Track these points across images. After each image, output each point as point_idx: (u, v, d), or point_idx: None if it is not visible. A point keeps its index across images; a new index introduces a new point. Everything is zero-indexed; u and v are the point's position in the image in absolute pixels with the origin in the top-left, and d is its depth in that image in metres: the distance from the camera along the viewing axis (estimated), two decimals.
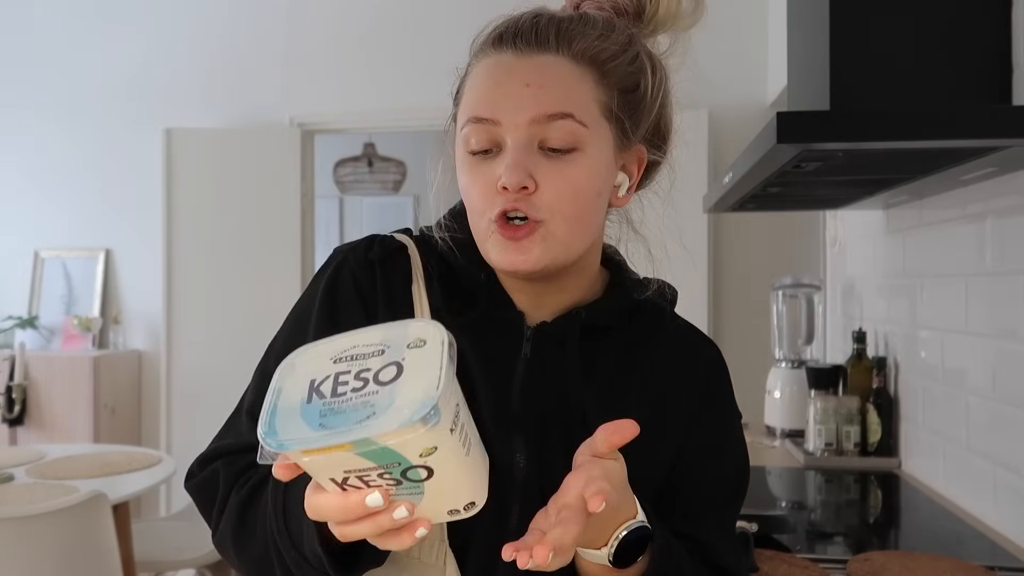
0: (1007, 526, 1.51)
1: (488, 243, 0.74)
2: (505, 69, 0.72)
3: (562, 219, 0.72)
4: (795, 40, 1.80)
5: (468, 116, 0.73)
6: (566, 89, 0.71)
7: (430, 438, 0.53)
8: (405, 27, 3.97)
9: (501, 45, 0.74)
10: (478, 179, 0.73)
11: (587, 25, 0.74)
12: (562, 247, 0.73)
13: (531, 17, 0.74)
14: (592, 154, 0.73)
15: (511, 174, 0.70)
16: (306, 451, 0.52)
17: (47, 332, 4.29)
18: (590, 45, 0.73)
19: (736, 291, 3.70)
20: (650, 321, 0.83)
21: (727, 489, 0.84)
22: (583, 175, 0.72)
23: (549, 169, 0.71)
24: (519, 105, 0.71)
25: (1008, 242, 1.50)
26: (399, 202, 6.21)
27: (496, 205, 0.72)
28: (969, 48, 1.40)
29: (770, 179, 1.51)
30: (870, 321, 2.31)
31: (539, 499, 0.73)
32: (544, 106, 0.70)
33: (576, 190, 0.72)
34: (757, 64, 3.63)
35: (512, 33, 0.73)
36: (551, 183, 0.71)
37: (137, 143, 4.25)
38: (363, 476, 0.54)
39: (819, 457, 2.12)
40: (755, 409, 2.59)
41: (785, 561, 1.28)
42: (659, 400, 0.81)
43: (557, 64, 0.72)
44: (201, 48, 4.21)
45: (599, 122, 0.73)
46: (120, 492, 2.49)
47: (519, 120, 0.71)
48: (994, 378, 1.55)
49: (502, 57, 0.73)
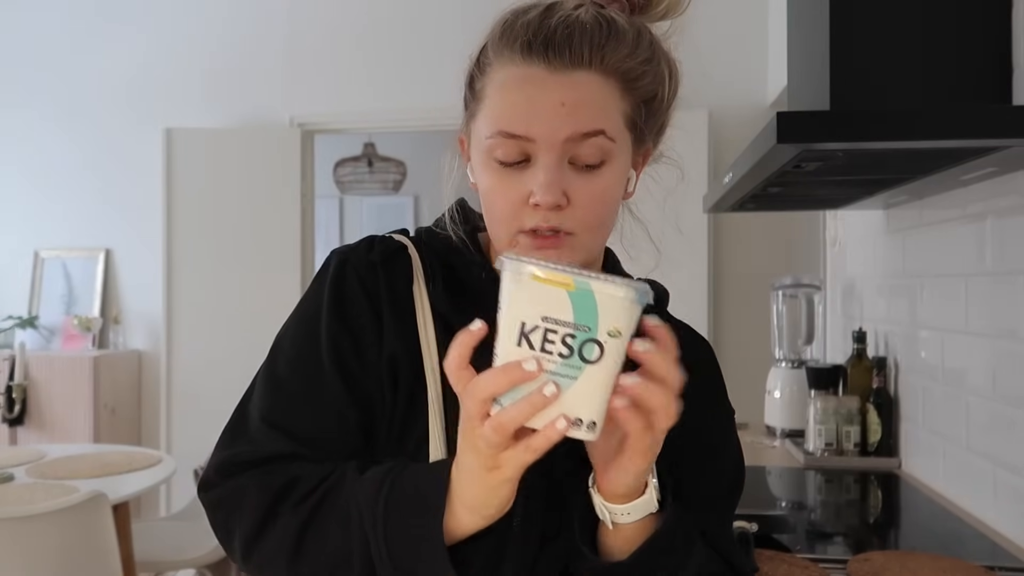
0: (1007, 526, 1.51)
1: (513, 251, 0.75)
2: (538, 85, 0.72)
3: (589, 229, 0.74)
4: (795, 40, 1.80)
5: (498, 129, 0.73)
6: (599, 106, 0.72)
7: (628, 315, 0.59)
8: (405, 27, 3.97)
9: (531, 55, 0.72)
10: (506, 190, 0.74)
11: (617, 38, 0.73)
12: (587, 253, 0.76)
13: (563, 28, 0.72)
14: (617, 165, 0.74)
15: (547, 193, 0.71)
16: (535, 276, 0.58)
17: (47, 332, 4.29)
18: (621, 60, 0.73)
19: (736, 291, 3.70)
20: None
21: (727, 486, 0.85)
22: (610, 186, 0.74)
23: (580, 184, 0.72)
24: (554, 124, 0.71)
25: (1008, 242, 1.50)
26: (399, 202, 6.21)
27: (526, 218, 0.73)
28: (969, 48, 1.40)
29: (770, 179, 1.51)
30: (870, 321, 2.31)
31: (543, 492, 0.74)
32: (579, 125, 0.71)
33: (604, 201, 0.74)
34: (757, 64, 3.63)
35: (543, 44, 0.72)
36: (582, 198, 0.72)
37: (137, 143, 4.25)
38: (548, 333, 0.58)
39: (819, 457, 2.12)
40: (755, 409, 2.59)
41: (785, 561, 1.28)
42: None
43: (589, 80, 0.72)
44: (201, 48, 4.20)
45: (623, 133, 0.75)
46: (120, 492, 2.49)
47: (555, 139, 0.71)
48: (994, 378, 1.55)
49: (533, 71, 0.72)
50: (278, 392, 0.78)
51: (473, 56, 0.78)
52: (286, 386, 0.78)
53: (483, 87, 0.76)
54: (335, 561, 0.70)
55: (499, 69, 0.74)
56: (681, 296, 0.88)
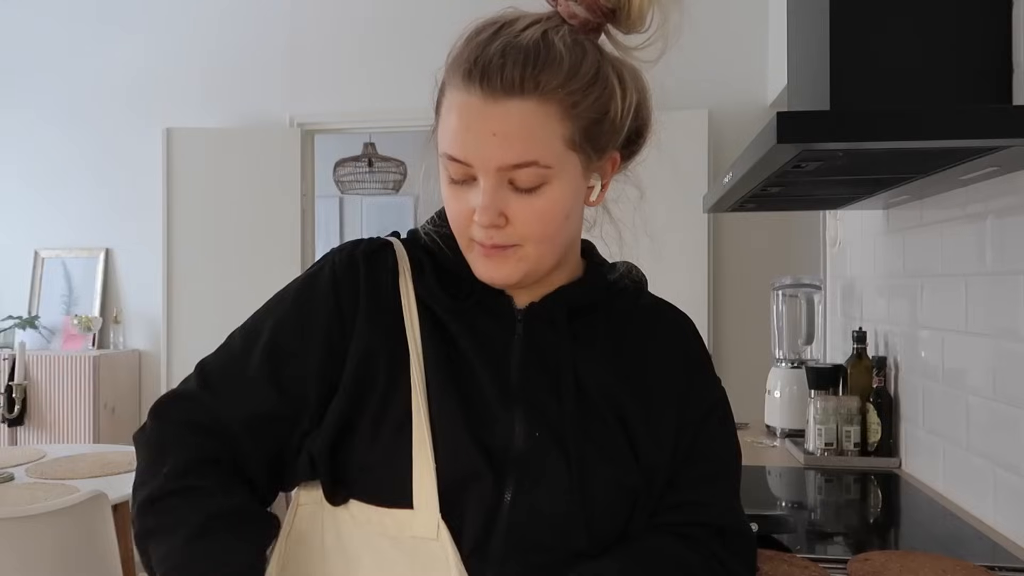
0: (1007, 526, 1.51)
1: (470, 255, 0.81)
2: (474, 114, 0.74)
3: (534, 243, 0.78)
4: (795, 40, 1.80)
5: (443, 151, 0.78)
6: (530, 136, 0.74)
7: None
8: (405, 27, 3.97)
9: (470, 83, 0.74)
10: (458, 203, 0.79)
11: (554, 63, 0.74)
12: (535, 263, 0.80)
13: (499, 56, 0.74)
14: (559, 186, 0.77)
15: (483, 215, 0.76)
16: None
17: (47, 332, 4.29)
18: (557, 86, 0.74)
19: (736, 291, 3.70)
20: (630, 298, 0.89)
21: (729, 450, 0.88)
22: (550, 205, 0.77)
23: (519, 204, 0.76)
24: (487, 154, 0.75)
25: (1008, 242, 1.50)
26: (399, 202, 6.21)
27: (473, 231, 0.78)
28: (969, 48, 1.40)
29: (770, 179, 1.51)
30: (870, 321, 2.31)
31: (536, 471, 0.78)
32: (509, 157, 0.74)
33: (544, 218, 0.77)
34: (757, 64, 3.63)
35: (480, 72, 0.74)
36: (521, 216, 0.77)
37: (137, 143, 4.25)
38: None
39: (819, 457, 2.12)
40: (755, 409, 2.59)
41: (785, 561, 1.28)
42: (650, 370, 0.86)
43: (522, 109, 0.73)
44: (201, 48, 4.21)
45: (565, 155, 0.76)
46: (120, 492, 2.49)
47: (487, 167, 0.75)
48: (994, 378, 1.55)
49: (471, 99, 0.74)
50: (226, 354, 0.85)
51: (439, 72, 0.81)
52: (231, 352, 0.85)
53: (441, 105, 0.80)
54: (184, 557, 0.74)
55: (449, 92, 0.78)
56: (681, 296, 0.90)
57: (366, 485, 0.78)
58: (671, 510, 0.83)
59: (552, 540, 0.77)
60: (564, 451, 0.78)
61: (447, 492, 0.76)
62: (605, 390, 0.82)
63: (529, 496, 0.77)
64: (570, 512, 0.77)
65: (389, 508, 0.77)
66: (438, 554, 0.75)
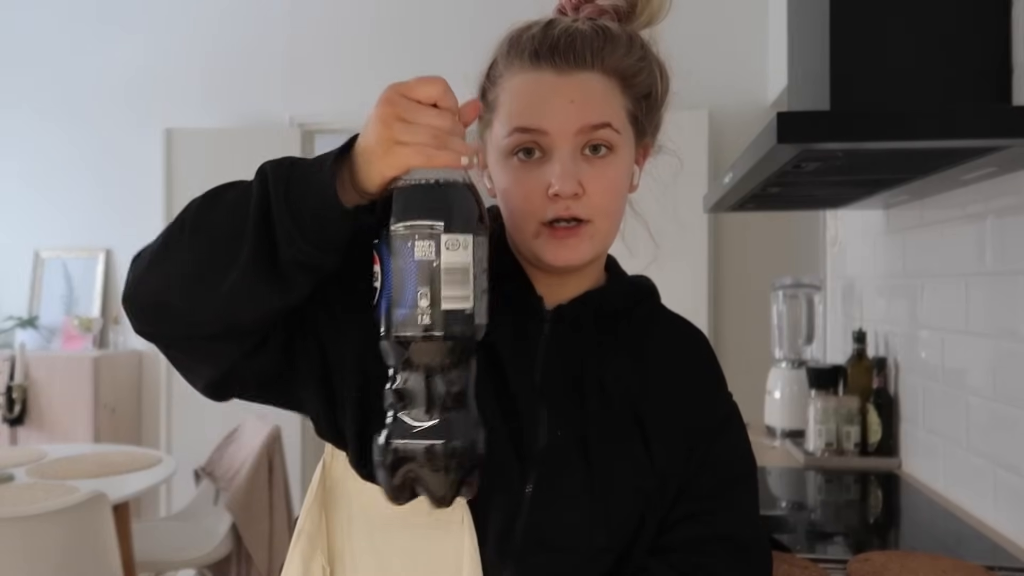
0: (1007, 526, 1.51)
1: (537, 242, 0.81)
2: (548, 86, 0.80)
3: (604, 216, 0.81)
4: (795, 40, 1.80)
5: (515, 125, 0.80)
6: (603, 102, 0.80)
7: None
8: (405, 27, 3.97)
9: (539, 61, 0.80)
10: (524, 184, 0.80)
11: (614, 42, 0.81)
12: (603, 240, 0.83)
13: (565, 36, 0.80)
14: (623, 155, 0.82)
15: (564, 183, 0.78)
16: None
17: (47, 332, 4.29)
18: (618, 61, 0.81)
19: (736, 291, 3.70)
20: (648, 309, 0.92)
21: (743, 462, 0.90)
22: (619, 175, 0.82)
23: (593, 173, 0.80)
24: (566, 119, 0.79)
25: (1008, 242, 1.50)
26: None
27: (547, 209, 0.79)
28: (969, 48, 1.40)
29: (770, 179, 1.51)
30: (870, 321, 2.31)
31: (556, 467, 0.79)
32: (588, 118, 0.79)
33: (615, 189, 0.82)
34: (757, 64, 3.63)
35: (550, 51, 0.80)
36: (596, 186, 0.80)
37: (137, 143, 4.25)
38: None
39: (819, 457, 2.12)
40: (755, 409, 2.59)
41: (785, 561, 1.28)
42: (667, 378, 0.87)
43: (593, 80, 0.80)
44: (201, 48, 4.21)
45: (626, 127, 0.83)
46: (120, 492, 2.49)
47: (567, 132, 0.79)
48: (994, 378, 1.55)
49: (543, 75, 0.80)
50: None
51: (483, 71, 0.86)
52: None
53: (496, 96, 0.83)
54: (231, 213, 0.70)
55: (510, 78, 0.82)
56: (681, 296, 0.91)
57: None
58: (685, 522, 0.83)
59: (571, 538, 0.78)
60: (584, 451, 0.80)
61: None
62: (626, 394, 0.83)
63: (549, 493, 0.78)
64: (589, 510, 0.78)
65: None
66: (454, 540, 0.76)
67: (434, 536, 0.77)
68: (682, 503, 0.83)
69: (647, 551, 0.82)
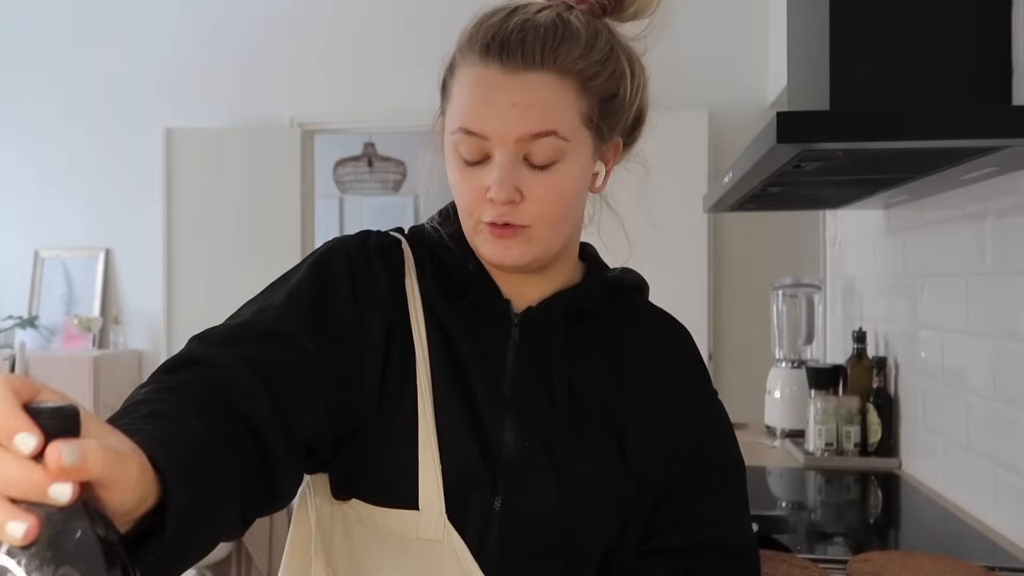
0: (1007, 526, 1.51)
1: (477, 239, 0.80)
2: (492, 85, 0.75)
3: (544, 223, 0.77)
4: (795, 40, 1.80)
5: (459, 126, 0.77)
6: (550, 106, 0.75)
7: None
8: (405, 27, 3.97)
9: (488, 57, 0.75)
10: (468, 184, 0.78)
11: (572, 39, 0.75)
12: (544, 245, 0.79)
13: (518, 30, 0.75)
14: (572, 162, 0.77)
15: (499, 190, 0.75)
16: None
17: (47, 332, 4.29)
18: (574, 60, 0.75)
19: (736, 291, 3.70)
20: (628, 306, 0.89)
21: (729, 463, 0.87)
22: (564, 183, 0.77)
23: (534, 181, 0.76)
24: (506, 124, 0.74)
25: (1008, 242, 1.50)
26: (399, 202, 6.21)
27: (485, 211, 0.77)
28: (969, 48, 1.40)
29: (770, 179, 1.51)
30: (870, 321, 2.31)
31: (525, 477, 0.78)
32: (529, 126, 0.74)
33: (558, 197, 0.77)
34: (757, 64, 3.63)
35: (499, 46, 0.75)
36: (535, 193, 0.76)
37: (137, 143, 4.25)
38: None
39: (819, 457, 2.12)
40: (755, 409, 2.59)
41: (785, 561, 1.28)
42: (646, 379, 0.84)
43: (542, 81, 0.74)
44: (201, 48, 4.20)
45: (579, 131, 0.77)
46: None
47: (507, 138, 0.74)
48: (994, 378, 1.55)
49: (489, 72, 0.75)
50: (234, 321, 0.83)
51: (447, 56, 0.81)
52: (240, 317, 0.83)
53: (451, 86, 0.79)
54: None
55: (463, 69, 0.78)
56: (681, 296, 0.90)
57: (370, 485, 0.78)
58: (672, 527, 0.82)
59: (542, 548, 0.77)
60: (553, 460, 0.78)
61: (450, 494, 0.75)
62: (599, 398, 0.81)
63: (517, 503, 0.77)
64: (557, 521, 0.77)
65: (393, 508, 0.76)
66: (447, 556, 0.75)
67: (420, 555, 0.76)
68: (670, 507, 0.82)
69: (633, 555, 0.81)
